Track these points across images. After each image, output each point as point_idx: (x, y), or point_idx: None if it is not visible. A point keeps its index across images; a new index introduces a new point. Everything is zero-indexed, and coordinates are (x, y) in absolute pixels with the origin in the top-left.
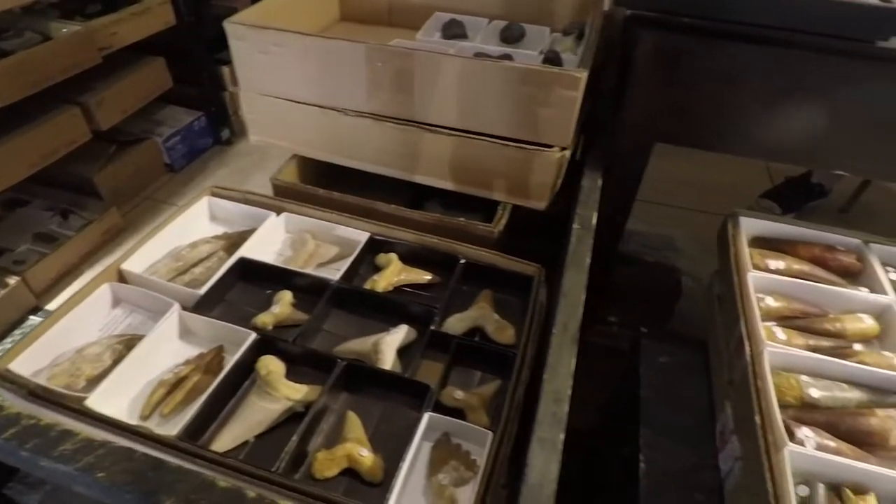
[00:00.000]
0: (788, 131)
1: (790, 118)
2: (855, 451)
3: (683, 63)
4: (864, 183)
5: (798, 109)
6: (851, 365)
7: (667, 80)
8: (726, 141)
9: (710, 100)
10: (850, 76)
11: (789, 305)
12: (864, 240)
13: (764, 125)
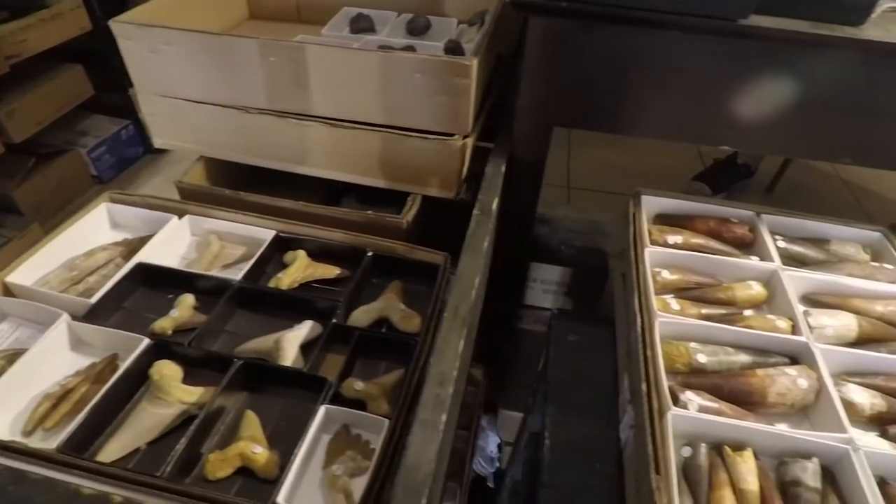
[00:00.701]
0: (672, 110)
1: (672, 98)
2: (736, 410)
3: (570, 47)
4: (785, 162)
5: (678, 89)
6: (736, 329)
7: (556, 64)
8: (619, 123)
9: (597, 83)
10: (719, 54)
11: (685, 277)
12: (757, 211)
13: (650, 106)
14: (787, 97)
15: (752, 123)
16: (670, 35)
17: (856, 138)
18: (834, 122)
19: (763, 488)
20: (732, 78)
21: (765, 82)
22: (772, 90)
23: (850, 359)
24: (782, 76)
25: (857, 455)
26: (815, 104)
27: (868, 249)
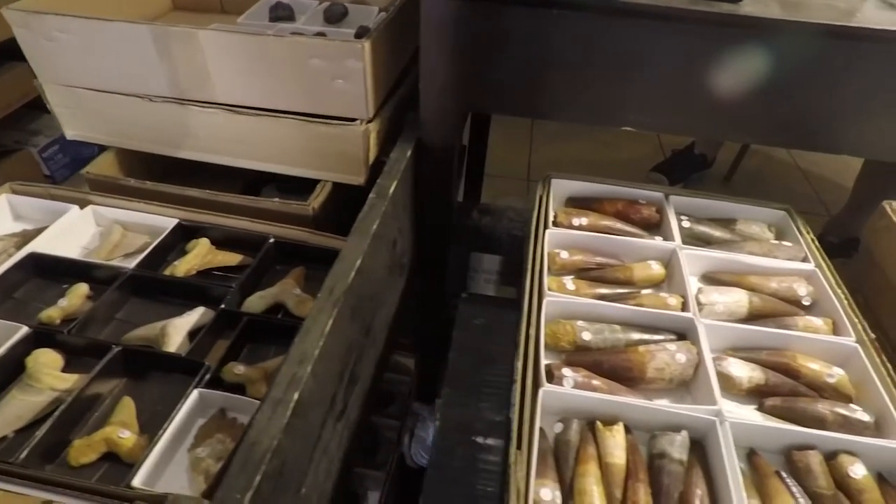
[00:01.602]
0: (576, 92)
1: (576, 80)
2: (613, 385)
3: (467, 28)
4: (741, 152)
5: (579, 70)
6: (624, 307)
7: (454, 46)
8: (525, 106)
9: (501, 65)
10: (614, 31)
11: (586, 258)
12: (666, 193)
13: (556, 89)
14: (683, 76)
15: (652, 103)
16: (561, 15)
17: (756, 117)
18: (731, 101)
19: (630, 461)
20: (628, 58)
21: (658, 61)
22: (668, 69)
23: (736, 333)
24: (676, 54)
25: (723, 426)
26: (710, 83)
27: (773, 228)
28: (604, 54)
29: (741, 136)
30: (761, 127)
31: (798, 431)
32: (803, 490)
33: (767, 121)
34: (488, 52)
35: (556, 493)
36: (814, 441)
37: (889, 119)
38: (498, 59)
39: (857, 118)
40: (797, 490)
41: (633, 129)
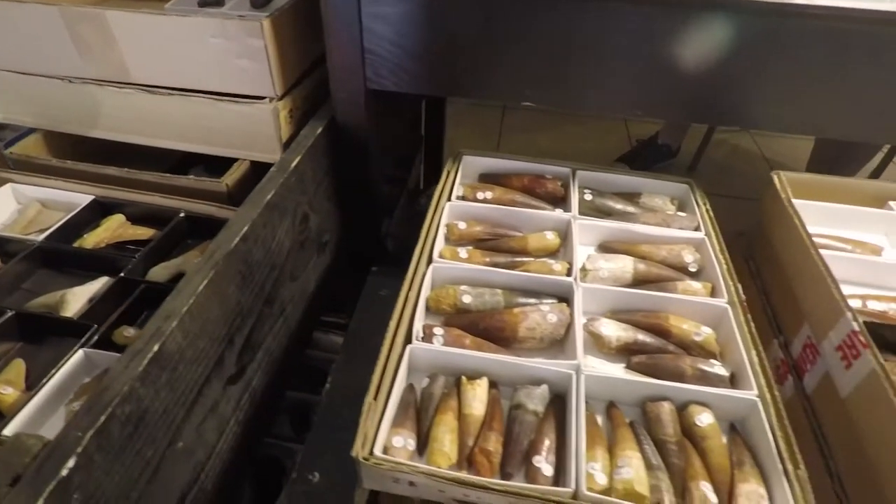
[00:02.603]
0: (493, 69)
1: (492, 56)
2: (485, 344)
3: (371, 8)
4: (704, 141)
5: (493, 48)
6: (508, 273)
7: (358, 25)
8: (439, 85)
9: (411, 43)
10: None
11: (484, 229)
12: (573, 168)
13: (470, 67)
14: (615, 54)
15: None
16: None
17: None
18: (662, 80)
19: (488, 413)
20: (530, 31)
21: (593, 41)
22: (602, 48)
23: (616, 297)
24: (611, 33)
25: (579, 379)
26: (647, 62)
27: (675, 200)
28: (504, 29)
29: (678, 115)
30: (700, 106)
31: (653, 384)
32: (651, 438)
33: (707, 100)
34: (398, 30)
35: (410, 441)
36: (667, 393)
37: (831, 96)
38: (407, 37)
39: (797, 96)
40: (644, 438)
41: (532, 103)
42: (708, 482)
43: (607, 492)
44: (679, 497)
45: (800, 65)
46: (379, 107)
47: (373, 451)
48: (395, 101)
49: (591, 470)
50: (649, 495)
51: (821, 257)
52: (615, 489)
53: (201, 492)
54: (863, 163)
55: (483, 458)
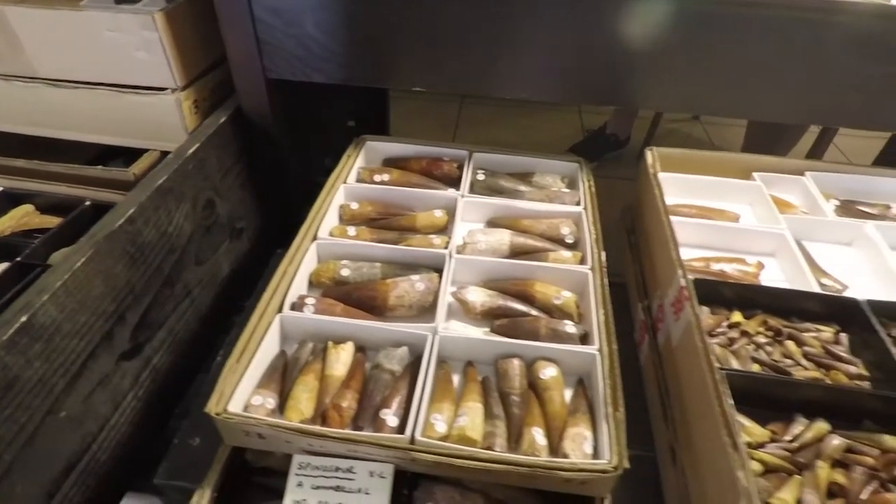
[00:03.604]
0: (390, 57)
1: (386, 44)
2: (356, 312)
3: (255, 1)
4: (651, 130)
5: (387, 35)
6: (383, 246)
7: (250, 15)
8: (328, 73)
9: (303, 32)
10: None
11: (377, 209)
12: (471, 151)
13: (371, 55)
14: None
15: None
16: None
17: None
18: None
19: (349, 374)
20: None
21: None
22: (504, 33)
23: (489, 266)
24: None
25: (434, 340)
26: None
27: (566, 179)
28: (396, 16)
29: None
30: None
31: (504, 343)
32: (499, 391)
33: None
34: (289, 21)
35: (270, 400)
36: (518, 351)
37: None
38: (299, 27)
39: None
40: (491, 391)
41: (424, 88)
42: (541, 428)
43: (445, 438)
44: (514, 441)
45: (699, 48)
46: (290, 96)
47: (227, 409)
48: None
49: (433, 420)
50: (481, 440)
51: (669, 224)
52: (451, 436)
53: (94, 462)
54: (791, 144)
55: (334, 412)
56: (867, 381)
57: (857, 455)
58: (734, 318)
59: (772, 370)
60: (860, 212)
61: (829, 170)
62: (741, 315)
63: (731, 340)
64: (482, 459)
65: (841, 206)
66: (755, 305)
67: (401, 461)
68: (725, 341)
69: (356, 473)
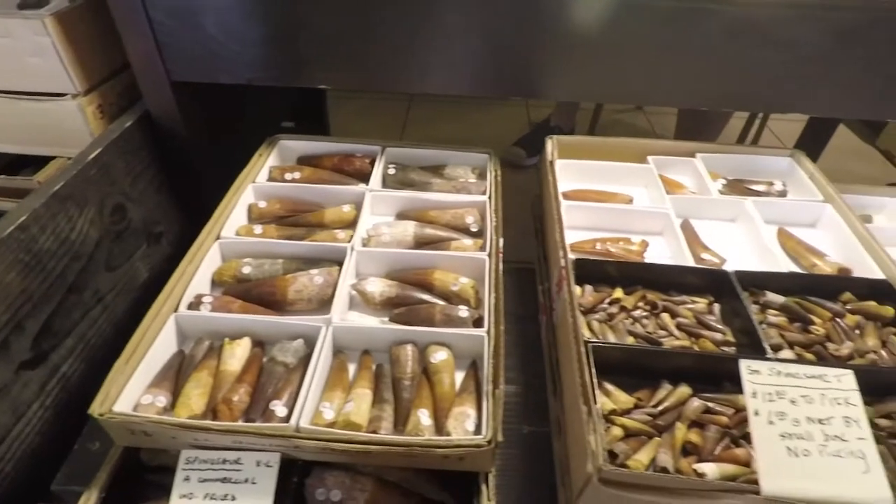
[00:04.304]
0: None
1: (291, 42)
2: (255, 308)
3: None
4: (593, 121)
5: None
6: (286, 243)
7: (146, 16)
8: (233, 73)
9: (194, 36)
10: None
11: (285, 206)
12: (383, 146)
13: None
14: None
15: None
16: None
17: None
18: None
19: (244, 368)
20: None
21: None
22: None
23: (391, 257)
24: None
25: (327, 331)
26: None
27: (476, 170)
28: (295, 14)
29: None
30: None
31: (398, 330)
32: (392, 377)
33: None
34: (187, 22)
35: (161, 398)
36: (412, 337)
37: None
38: (199, 29)
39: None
40: (384, 377)
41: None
42: (428, 409)
43: (332, 425)
44: (402, 424)
45: (604, 38)
46: (208, 97)
47: (113, 409)
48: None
49: (322, 408)
50: (366, 424)
51: (558, 208)
52: (337, 422)
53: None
54: (717, 129)
55: (224, 406)
56: (733, 347)
57: (713, 415)
58: (615, 294)
59: (645, 341)
60: (746, 189)
61: (718, 151)
62: (622, 292)
63: (611, 316)
64: (361, 442)
65: (728, 184)
66: (637, 282)
67: (286, 449)
68: (605, 317)
69: (243, 464)
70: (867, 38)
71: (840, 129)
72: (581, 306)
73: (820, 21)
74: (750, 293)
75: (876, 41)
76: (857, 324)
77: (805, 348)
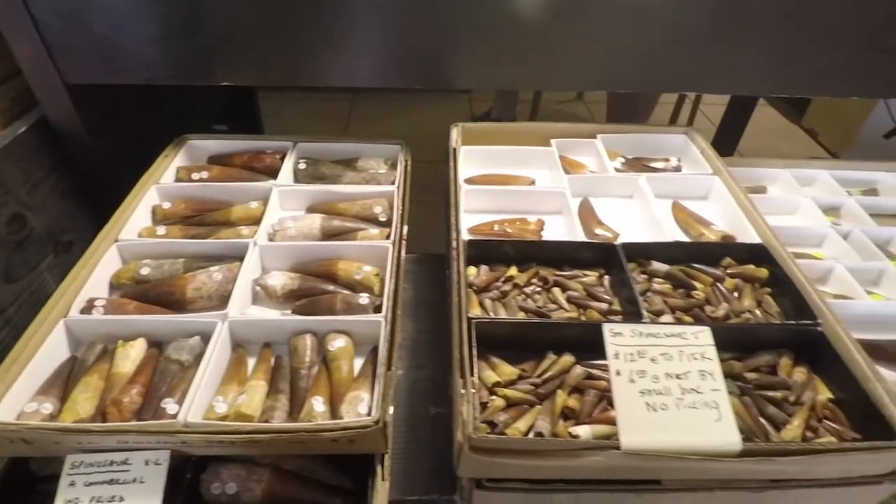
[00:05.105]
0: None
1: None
2: (152, 309)
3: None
4: (532, 113)
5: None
6: (187, 242)
7: (24, 21)
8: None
9: (84, 36)
10: None
11: (191, 207)
12: (294, 141)
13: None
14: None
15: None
16: None
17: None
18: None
19: (138, 369)
20: None
21: None
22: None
23: (296, 251)
24: None
25: (223, 327)
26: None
27: (389, 161)
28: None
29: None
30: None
31: (296, 320)
32: (291, 367)
33: None
34: (76, 22)
35: (47, 405)
36: (311, 326)
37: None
38: (89, 28)
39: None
40: (282, 368)
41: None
42: (323, 396)
43: (224, 419)
44: (297, 413)
45: (506, 27)
46: (118, 100)
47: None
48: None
49: (215, 402)
50: (258, 415)
51: (455, 192)
52: (229, 415)
53: None
54: (646, 112)
55: (113, 408)
56: (619, 315)
57: (594, 380)
58: (509, 273)
59: (536, 315)
60: (644, 166)
61: (618, 131)
62: (516, 270)
63: (504, 293)
64: (247, 432)
65: (626, 162)
66: (533, 259)
67: (174, 445)
68: (498, 294)
69: (132, 464)
70: (749, 18)
71: (768, 110)
72: (475, 286)
73: (701, 3)
74: (638, 264)
75: (756, 21)
76: (735, 286)
77: (685, 312)
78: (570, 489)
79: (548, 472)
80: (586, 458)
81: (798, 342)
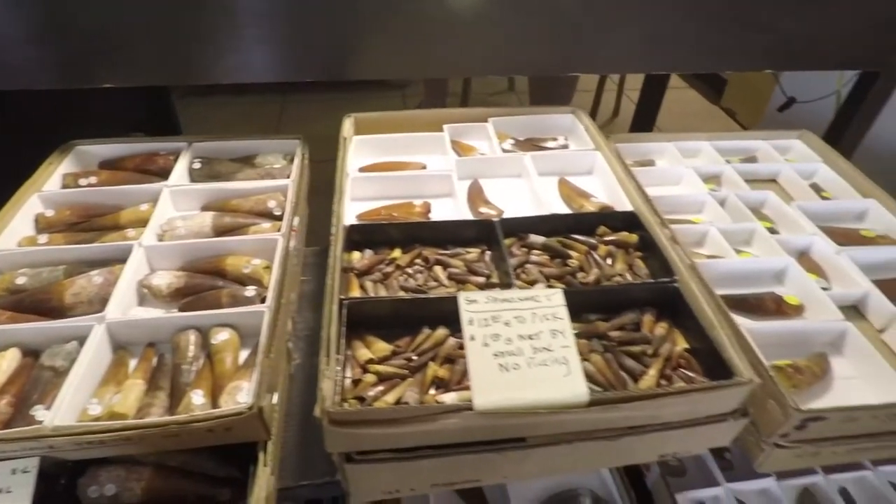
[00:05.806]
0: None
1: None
2: (25, 318)
3: None
4: (462, 105)
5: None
6: (64, 248)
7: None
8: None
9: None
10: None
11: (77, 213)
12: (189, 142)
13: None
14: None
15: None
16: None
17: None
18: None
19: (9, 380)
20: None
21: None
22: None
23: (184, 249)
24: None
25: (99, 329)
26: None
27: (288, 157)
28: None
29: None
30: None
31: (178, 317)
32: (173, 365)
33: None
34: None
35: None
36: (195, 322)
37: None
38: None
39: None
40: (163, 366)
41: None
42: (203, 389)
43: (98, 420)
44: (177, 408)
45: (405, 16)
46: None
47: None
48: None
49: (89, 405)
50: (133, 413)
51: (341, 180)
52: (102, 416)
53: None
54: (567, 99)
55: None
56: (497, 288)
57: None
58: (393, 255)
59: (415, 294)
60: (533, 146)
61: (508, 114)
62: (400, 251)
63: (386, 275)
64: (116, 430)
65: (516, 143)
66: (418, 241)
67: (42, 451)
68: (380, 276)
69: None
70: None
71: (690, 92)
72: (356, 269)
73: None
74: (518, 238)
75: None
76: (608, 252)
77: (558, 279)
78: (435, 454)
79: (410, 438)
80: (443, 421)
81: (660, 300)
